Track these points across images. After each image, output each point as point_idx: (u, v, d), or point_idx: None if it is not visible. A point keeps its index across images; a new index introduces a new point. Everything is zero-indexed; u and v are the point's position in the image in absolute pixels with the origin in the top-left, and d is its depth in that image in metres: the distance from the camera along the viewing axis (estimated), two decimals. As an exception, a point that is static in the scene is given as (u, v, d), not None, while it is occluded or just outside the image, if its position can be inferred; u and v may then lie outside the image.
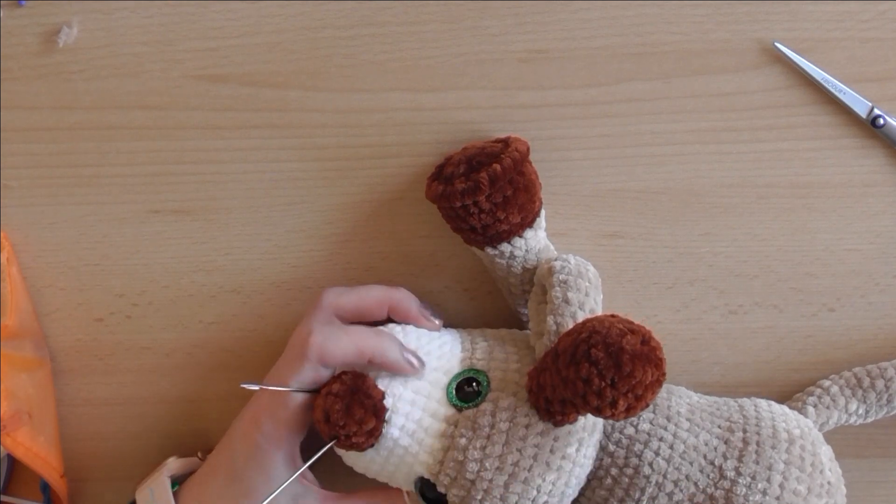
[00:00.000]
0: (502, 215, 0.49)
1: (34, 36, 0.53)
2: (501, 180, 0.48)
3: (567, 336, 0.44)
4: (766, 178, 0.55)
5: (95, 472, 0.60)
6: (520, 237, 0.51)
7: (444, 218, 0.51)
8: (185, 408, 0.59)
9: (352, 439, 0.47)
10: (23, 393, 0.54)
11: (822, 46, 0.53)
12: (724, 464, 0.49)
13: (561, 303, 0.47)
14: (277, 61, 0.53)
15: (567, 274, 0.48)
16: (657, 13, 0.52)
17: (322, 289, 0.52)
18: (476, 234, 0.50)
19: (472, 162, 0.49)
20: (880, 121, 0.53)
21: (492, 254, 0.51)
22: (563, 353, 0.43)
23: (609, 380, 0.42)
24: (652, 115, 0.54)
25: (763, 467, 0.49)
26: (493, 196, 0.48)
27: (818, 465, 0.50)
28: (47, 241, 0.56)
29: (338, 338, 0.49)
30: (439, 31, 0.53)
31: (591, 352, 0.42)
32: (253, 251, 0.56)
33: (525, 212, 0.50)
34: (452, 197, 0.48)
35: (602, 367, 0.42)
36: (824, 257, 0.56)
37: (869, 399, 0.54)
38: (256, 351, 0.58)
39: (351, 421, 0.46)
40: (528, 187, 0.50)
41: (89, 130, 0.54)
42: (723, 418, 0.51)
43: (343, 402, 0.46)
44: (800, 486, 0.49)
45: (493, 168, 0.48)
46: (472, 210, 0.49)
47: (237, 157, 0.55)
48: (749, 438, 0.50)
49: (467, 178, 0.48)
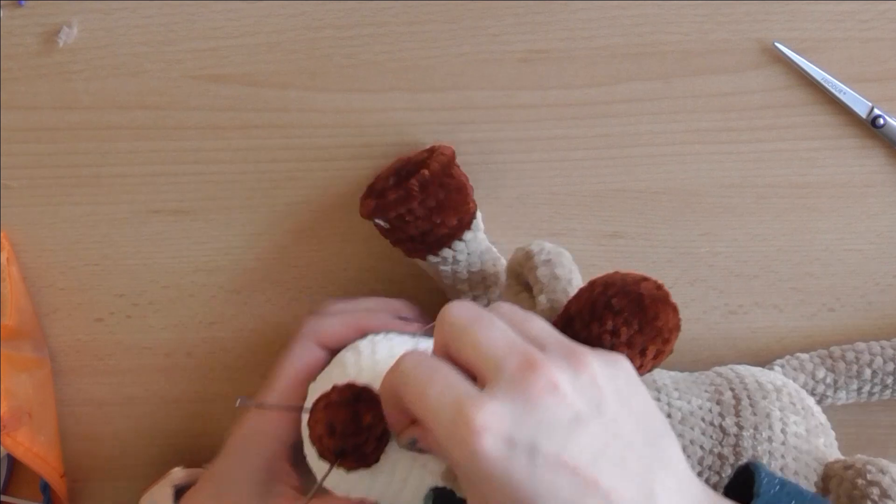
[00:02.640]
0: (438, 219, 0.49)
1: (34, 36, 0.53)
2: (432, 185, 0.49)
3: (577, 299, 0.43)
4: (766, 178, 0.55)
5: (95, 472, 0.60)
6: (460, 240, 0.51)
7: (381, 234, 0.51)
8: (185, 408, 0.59)
9: (363, 449, 0.43)
10: (23, 393, 0.54)
11: (822, 46, 0.53)
12: (723, 422, 0.49)
13: (550, 279, 0.47)
14: (277, 61, 0.53)
15: (548, 254, 0.48)
16: (657, 13, 0.52)
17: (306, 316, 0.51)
18: (416, 244, 0.51)
19: (400, 173, 0.50)
20: (880, 121, 0.53)
21: (434, 262, 0.51)
22: (578, 315, 0.43)
23: (637, 326, 0.41)
24: (652, 115, 0.54)
25: (762, 416, 0.49)
26: (426, 201, 0.49)
27: (808, 407, 0.51)
28: (47, 241, 0.56)
29: (327, 318, 0.50)
30: (439, 31, 0.53)
31: (612, 302, 0.41)
32: (253, 251, 0.56)
33: (461, 213, 0.50)
34: (386, 209, 0.49)
35: (627, 314, 0.41)
36: (824, 257, 0.56)
37: (838, 368, 0.54)
38: (256, 351, 0.58)
39: (361, 428, 0.43)
40: (459, 189, 0.50)
41: (89, 130, 0.54)
42: (706, 384, 0.51)
43: (349, 409, 0.43)
44: (799, 429, 0.49)
45: (421, 174, 0.49)
46: (407, 219, 0.49)
47: (237, 157, 0.55)
48: (739, 395, 0.50)
49: (398, 187, 0.49)
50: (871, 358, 0.54)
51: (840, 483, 0.48)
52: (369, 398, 0.43)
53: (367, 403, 0.43)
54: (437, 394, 0.37)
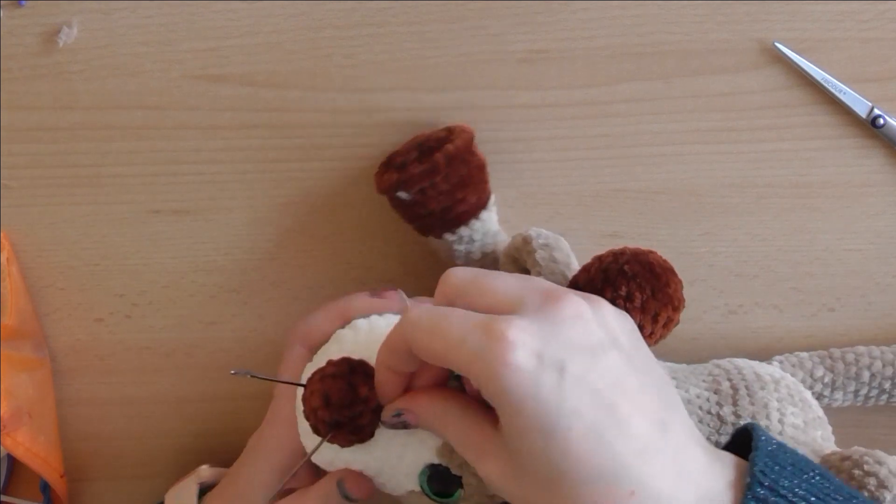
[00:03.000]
0: (461, 195, 0.49)
1: (34, 36, 0.53)
2: (456, 160, 0.49)
3: (585, 271, 0.44)
4: (766, 178, 0.55)
5: (95, 472, 0.60)
6: (477, 219, 0.51)
7: (395, 208, 0.51)
8: (185, 408, 0.59)
9: (358, 421, 0.42)
10: (23, 393, 0.54)
11: (822, 46, 0.53)
12: (720, 411, 0.49)
13: (549, 262, 0.47)
14: (277, 61, 0.53)
15: (545, 238, 0.48)
16: (657, 13, 0.52)
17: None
18: (435, 220, 0.50)
19: (422, 147, 0.50)
20: (880, 121, 0.53)
21: (451, 240, 0.51)
22: (589, 283, 0.43)
23: (649, 291, 0.42)
24: (652, 115, 0.54)
25: (759, 406, 0.49)
26: (449, 176, 0.48)
27: (805, 400, 0.51)
28: (47, 241, 0.56)
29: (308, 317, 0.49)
30: (439, 31, 0.53)
31: (624, 268, 0.42)
32: (253, 251, 0.56)
33: (480, 191, 0.50)
34: (410, 181, 0.48)
35: (640, 279, 0.42)
36: (824, 257, 0.56)
37: (837, 369, 0.54)
38: (256, 351, 0.58)
39: (357, 399, 0.42)
40: (480, 167, 0.50)
41: (89, 130, 0.54)
42: (704, 374, 0.51)
43: (345, 381, 0.42)
44: (796, 420, 0.49)
45: (446, 148, 0.49)
46: (430, 193, 0.49)
47: (237, 157, 0.55)
48: (737, 385, 0.50)
49: (421, 161, 0.49)
50: (871, 361, 0.54)
51: (837, 474, 0.48)
52: (365, 371, 0.43)
53: (363, 377, 0.43)
54: (459, 325, 0.37)
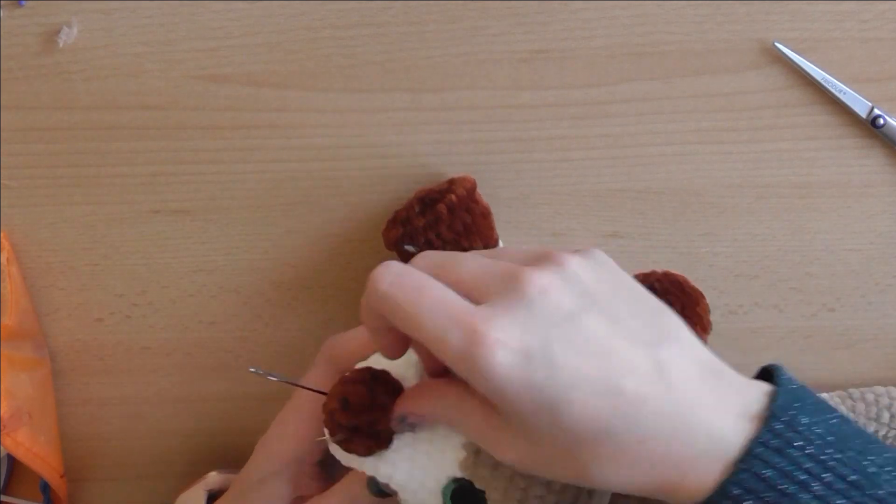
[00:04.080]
0: (466, 243, 0.50)
1: (34, 36, 0.53)
2: (459, 209, 0.49)
3: None
4: (766, 178, 0.55)
5: (95, 472, 0.60)
6: None
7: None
8: (185, 408, 0.59)
9: (375, 427, 0.42)
10: (23, 393, 0.54)
11: (822, 46, 0.53)
12: None
13: None
14: (277, 61, 0.53)
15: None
16: (657, 13, 0.52)
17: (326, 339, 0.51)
18: None
19: (424, 201, 0.51)
20: (880, 121, 0.53)
21: None
22: None
23: (680, 307, 0.42)
24: (652, 115, 0.54)
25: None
26: (453, 225, 0.49)
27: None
28: (47, 241, 0.56)
29: (343, 335, 0.49)
30: (439, 31, 0.53)
31: (655, 285, 0.43)
32: (253, 251, 0.56)
33: (485, 239, 0.50)
34: (415, 234, 0.49)
35: (672, 295, 0.42)
36: (824, 257, 0.56)
37: (858, 409, 0.54)
38: (256, 351, 0.58)
39: (376, 405, 0.42)
40: (485, 214, 0.51)
41: (89, 130, 0.54)
42: None
43: (366, 386, 0.43)
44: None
45: (449, 198, 0.49)
46: (435, 244, 0.49)
47: (237, 157, 0.55)
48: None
49: (424, 214, 0.49)
50: (891, 402, 0.53)
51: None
52: (386, 380, 0.43)
53: (385, 385, 0.43)
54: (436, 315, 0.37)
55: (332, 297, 0.57)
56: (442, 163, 0.55)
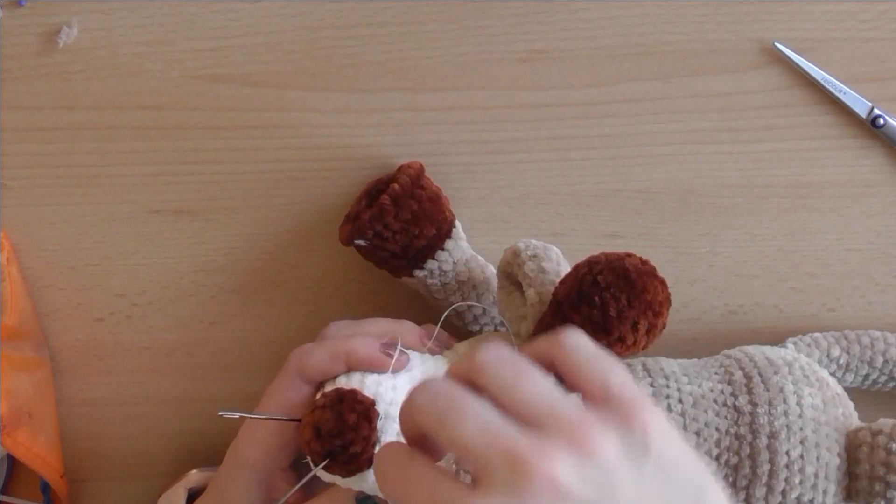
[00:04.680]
0: (416, 230, 0.50)
1: (34, 36, 0.53)
2: (403, 197, 0.49)
3: (563, 284, 0.43)
4: (766, 178, 0.55)
5: (95, 472, 0.60)
6: (442, 250, 0.51)
7: (366, 258, 0.51)
8: (185, 408, 0.59)
9: (350, 450, 0.43)
10: (23, 393, 0.54)
11: (822, 46, 0.53)
12: (736, 401, 0.49)
13: (538, 273, 0.47)
14: (277, 61, 0.53)
15: (534, 249, 0.48)
16: (657, 13, 0.52)
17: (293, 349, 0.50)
18: (399, 260, 0.51)
19: (371, 193, 0.51)
20: (880, 121, 0.53)
21: (422, 276, 0.51)
22: (566, 298, 0.42)
23: (626, 300, 0.41)
24: (652, 115, 0.54)
25: (775, 392, 0.49)
26: (400, 214, 0.49)
27: (822, 379, 0.50)
28: (47, 241, 0.56)
29: (312, 349, 0.48)
30: (439, 31, 0.53)
31: (597, 279, 0.41)
32: (253, 251, 0.56)
33: (438, 222, 0.50)
34: (363, 228, 0.49)
35: (615, 289, 0.41)
36: (824, 257, 0.56)
37: (853, 351, 0.53)
38: (256, 351, 0.58)
39: (346, 428, 0.43)
40: (433, 199, 0.50)
41: (89, 130, 0.54)
42: (716, 367, 0.51)
43: (333, 410, 0.43)
44: (815, 400, 0.49)
45: (391, 188, 0.49)
46: (384, 235, 0.49)
47: (237, 157, 0.55)
48: (750, 373, 0.50)
49: (370, 207, 0.49)
50: (886, 347, 0.53)
51: (871, 451, 0.47)
52: (353, 399, 0.44)
53: (351, 404, 0.44)
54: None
55: (332, 297, 0.57)
56: (442, 162, 0.55)
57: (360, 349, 0.47)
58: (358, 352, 0.47)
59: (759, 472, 0.48)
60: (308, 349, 0.48)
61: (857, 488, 0.48)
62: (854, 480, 0.48)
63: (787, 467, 0.48)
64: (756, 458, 0.48)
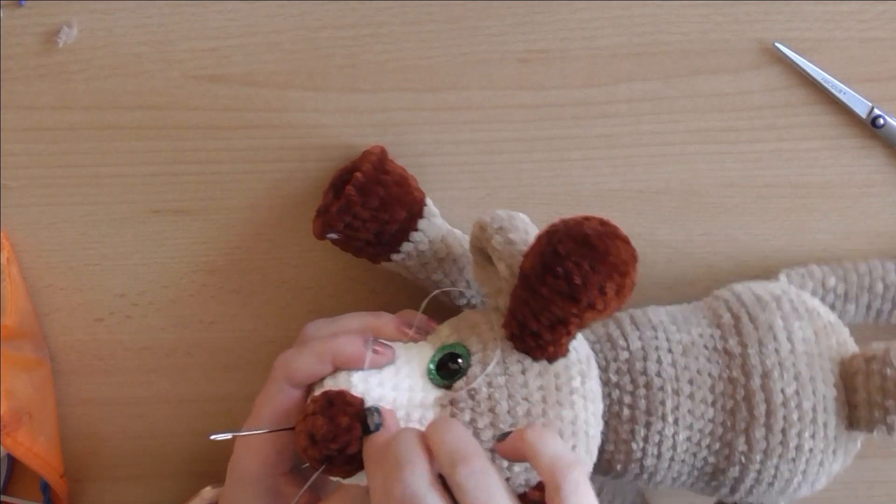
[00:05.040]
0: (386, 216, 0.49)
1: (34, 36, 0.53)
2: (368, 185, 0.49)
3: (527, 257, 0.43)
4: (766, 178, 0.55)
5: (95, 472, 0.60)
6: (416, 231, 0.51)
7: (343, 249, 0.51)
8: (185, 408, 0.59)
9: (346, 452, 0.44)
10: (23, 393, 0.54)
11: (822, 46, 0.53)
12: (726, 345, 0.49)
13: (506, 246, 0.46)
14: (277, 61, 0.53)
15: (500, 221, 0.47)
16: (657, 13, 0.52)
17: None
18: (374, 247, 0.51)
19: (336, 185, 0.51)
20: (880, 121, 0.53)
21: (400, 259, 0.51)
22: (532, 271, 0.42)
23: (588, 265, 0.40)
24: (652, 115, 0.54)
25: (764, 331, 0.48)
26: (367, 202, 0.49)
27: (812, 309, 0.50)
28: (47, 241, 0.56)
29: (297, 353, 0.48)
30: (439, 31, 0.53)
31: (558, 248, 0.41)
32: (253, 251, 0.56)
33: (407, 204, 0.50)
34: (333, 222, 0.49)
35: (576, 256, 0.40)
36: (824, 257, 0.56)
37: (850, 279, 0.53)
38: (256, 351, 0.58)
39: (339, 432, 0.43)
40: (399, 182, 0.50)
41: (89, 130, 0.54)
42: (704, 310, 0.51)
43: (324, 416, 0.44)
44: (806, 333, 0.48)
45: (355, 177, 0.49)
46: (355, 225, 0.49)
47: (237, 157, 0.55)
48: (738, 313, 0.49)
49: (337, 199, 0.49)
50: (885, 272, 0.53)
51: (867, 378, 0.47)
52: (343, 402, 0.44)
53: (342, 407, 0.44)
54: None
55: (332, 297, 0.57)
56: (442, 162, 0.55)
57: (346, 348, 0.47)
58: (344, 351, 0.47)
59: (756, 413, 0.47)
60: (293, 354, 0.48)
61: (857, 417, 0.48)
62: (854, 409, 0.48)
63: (784, 405, 0.47)
64: (751, 399, 0.48)
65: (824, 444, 0.48)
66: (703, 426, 0.48)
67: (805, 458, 0.48)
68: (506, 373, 0.45)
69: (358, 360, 0.46)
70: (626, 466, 0.49)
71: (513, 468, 0.45)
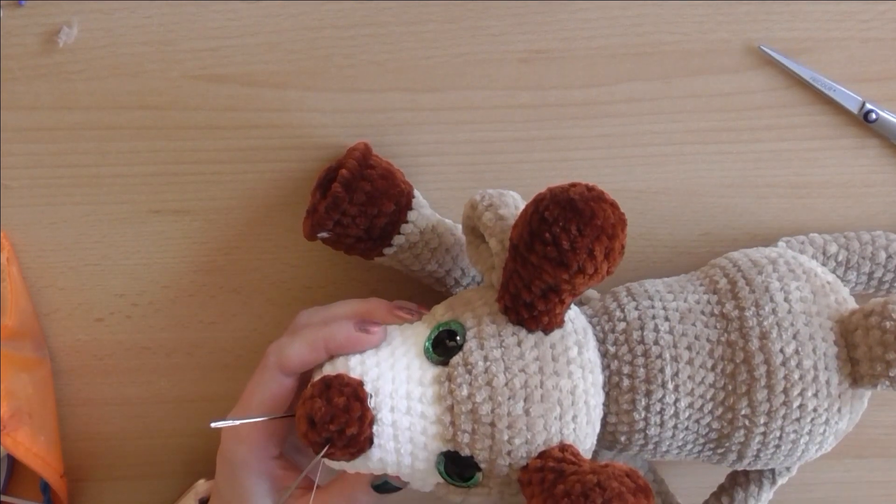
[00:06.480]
0: (374, 210, 0.49)
1: (34, 36, 0.53)
2: (354, 181, 0.49)
3: (515, 227, 0.43)
4: (765, 178, 0.55)
5: (95, 472, 0.60)
6: (406, 223, 0.51)
7: (335, 248, 0.51)
8: (185, 408, 0.59)
9: (346, 433, 0.43)
10: (23, 393, 0.54)
11: (821, 46, 0.53)
12: (723, 309, 0.48)
13: (496, 221, 0.46)
14: (277, 61, 0.53)
15: (490, 198, 0.47)
16: (657, 13, 0.52)
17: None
18: (365, 243, 0.51)
19: (323, 184, 0.51)
20: (872, 115, 0.53)
21: (392, 252, 0.51)
22: (521, 240, 0.42)
23: (576, 229, 0.40)
24: (652, 115, 0.54)
25: (760, 292, 0.48)
26: (354, 198, 0.49)
27: (809, 269, 0.49)
28: (47, 241, 0.56)
29: (290, 341, 0.48)
30: (439, 31, 0.53)
31: (545, 215, 0.41)
32: (253, 251, 0.56)
33: (395, 197, 0.50)
34: (323, 221, 0.49)
35: (563, 220, 0.40)
36: (824, 257, 0.56)
37: (851, 247, 0.53)
38: (256, 351, 0.58)
39: (337, 412, 0.43)
40: (385, 175, 0.50)
41: (89, 130, 0.54)
42: (700, 277, 0.51)
43: (322, 398, 0.43)
44: (803, 293, 0.48)
45: (341, 174, 0.49)
46: (344, 222, 0.49)
47: (237, 157, 0.55)
48: (734, 277, 0.49)
49: (325, 198, 0.49)
50: (888, 242, 0.52)
51: (866, 333, 0.47)
52: (340, 383, 0.44)
53: (339, 388, 0.44)
54: None
55: (333, 297, 0.57)
56: (442, 162, 0.55)
57: (338, 334, 0.47)
58: (336, 337, 0.47)
59: (756, 374, 0.47)
60: (285, 342, 0.48)
61: (860, 373, 0.47)
62: (856, 365, 0.48)
63: (784, 365, 0.47)
64: (751, 361, 0.47)
65: (828, 403, 0.47)
66: (705, 391, 0.48)
67: (809, 417, 0.47)
68: (501, 345, 0.45)
69: (351, 344, 0.47)
70: (630, 438, 0.49)
71: (513, 441, 0.44)
